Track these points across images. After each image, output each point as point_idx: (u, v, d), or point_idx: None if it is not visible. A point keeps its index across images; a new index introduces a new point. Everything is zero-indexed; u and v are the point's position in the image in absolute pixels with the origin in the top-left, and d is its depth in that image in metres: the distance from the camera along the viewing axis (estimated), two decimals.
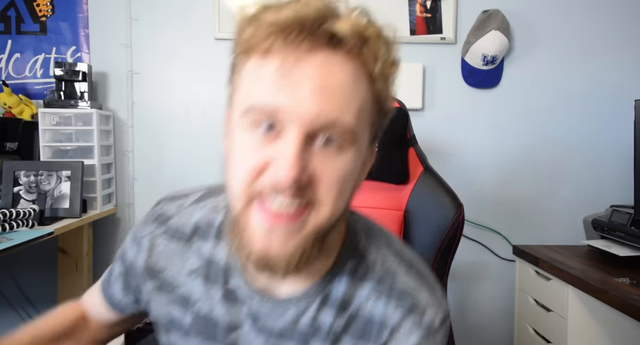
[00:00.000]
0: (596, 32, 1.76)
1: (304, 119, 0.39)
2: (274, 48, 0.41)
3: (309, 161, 0.40)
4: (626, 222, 1.40)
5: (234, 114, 0.45)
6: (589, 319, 1.31)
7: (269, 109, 0.40)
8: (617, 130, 1.76)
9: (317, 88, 0.40)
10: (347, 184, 0.43)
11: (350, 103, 0.41)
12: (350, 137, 0.42)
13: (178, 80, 1.72)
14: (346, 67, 0.41)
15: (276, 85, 0.40)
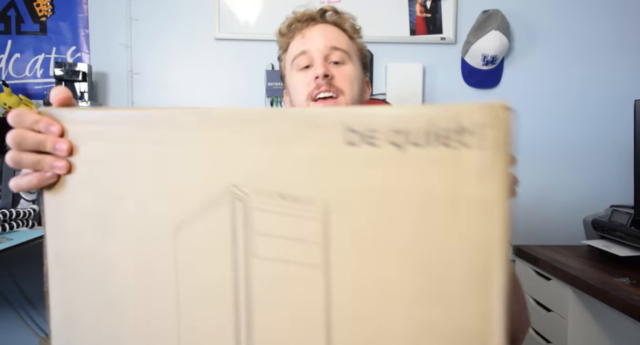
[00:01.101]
0: (596, 32, 1.76)
1: (320, 49, 0.77)
2: (296, 31, 0.80)
3: (329, 68, 0.76)
4: (626, 222, 1.40)
5: (287, 68, 0.82)
6: (589, 319, 1.31)
7: (303, 52, 0.78)
8: (617, 130, 1.76)
9: (322, 34, 0.78)
10: (353, 81, 0.77)
11: (339, 40, 0.79)
12: (346, 56, 0.78)
13: (178, 80, 1.72)
14: (333, 28, 0.80)
15: (301, 42, 0.79)
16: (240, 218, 0.33)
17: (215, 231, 0.33)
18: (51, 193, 0.38)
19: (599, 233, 1.52)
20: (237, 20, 1.70)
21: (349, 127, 0.29)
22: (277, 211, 0.31)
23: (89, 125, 0.37)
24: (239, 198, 0.32)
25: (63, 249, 0.38)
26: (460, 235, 0.27)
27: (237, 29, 1.70)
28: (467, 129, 0.27)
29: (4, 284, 1.72)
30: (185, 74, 1.72)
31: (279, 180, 0.31)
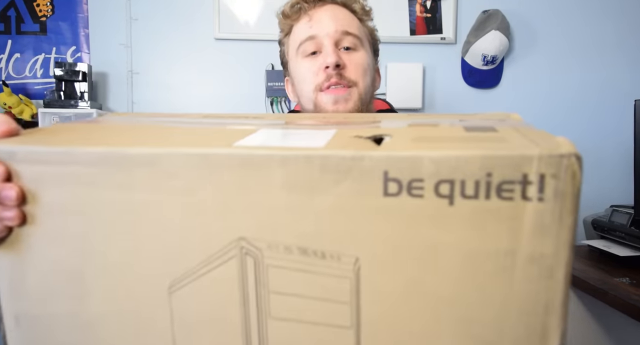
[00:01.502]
0: (596, 33, 1.76)
1: (330, 33, 0.69)
2: (302, 11, 0.72)
3: (340, 55, 0.69)
4: (626, 222, 1.40)
5: (290, 54, 0.75)
6: (589, 319, 1.31)
7: (309, 38, 0.70)
8: (617, 131, 1.76)
9: (331, 17, 0.70)
10: (366, 70, 0.72)
11: (350, 24, 0.72)
12: (359, 42, 0.72)
13: (178, 80, 1.72)
14: (343, 10, 0.73)
15: (309, 25, 0.71)
16: (251, 275, 0.28)
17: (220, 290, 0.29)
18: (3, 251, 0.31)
19: (599, 233, 1.52)
20: (237, 20, 1.70)
21: (388, 175, 0.25)
22: (296, 268, 0.27)
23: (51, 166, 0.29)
24: (249, 253, 0.28)
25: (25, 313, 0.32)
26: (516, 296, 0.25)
27: (237, 29, 1.70)
28: (530, 180, 0.24)
29: None
30: (185, 74, 1.73)
31: (299, 234, 0.27)
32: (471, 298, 0.25)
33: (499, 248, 0.25)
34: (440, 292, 0.26)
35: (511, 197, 0.24)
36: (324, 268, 0.27)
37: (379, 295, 0.27)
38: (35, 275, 0.31)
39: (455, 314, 0.26)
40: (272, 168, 0.26)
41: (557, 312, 0.24)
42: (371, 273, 0.26)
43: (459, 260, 0.25)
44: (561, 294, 0.24)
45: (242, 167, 0.27)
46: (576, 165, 0.23)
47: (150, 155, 0.28)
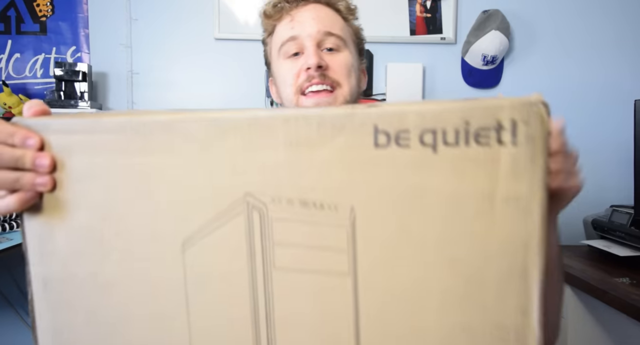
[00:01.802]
0: (596, 32, 1.76)
1: (312, 34, 0.67)
2: (284, 11, 0.70)
3: (322, 56, 0.66)
4: (626, 222, 1.40)
5: (273, 55, 0.73)
6: (589, 319, 1.31)
7: (292, 38, 0.68)
8: (617, 131, 1.76)
9: (314, 18, 0.68)
10: (350, 70, 0.68)
11: (334, 24, 0.69)
12: (342, 43, 0.69)
13: (178, 80, 1.72)
14: (326, 9, 0.70)
15: (290, 26, 0.69)
16: (257, 229, 0.30)
17: (229, 245, 0.31)
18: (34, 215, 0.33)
19: (599, 233, 1.52)
20: (237, 20, 1.70)
21: (378, 128, 0.27)
22: (298, 220, 0.29)
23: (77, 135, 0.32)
24: (255, 208, 0.30)
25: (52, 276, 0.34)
26: (496, 235, 0.27)
27: (237, 29, 1.70)
28: (503, 126, 0.26)
29: (4, 284, 1.72)
30: (186, 74, 1.73)
31: (300, 187, 0.29)
32: (456, 239, 0.27)
33: (478, 190, 0.27)
34: (427, 235, 0.28)
35: (488, 142, 0.26)
36: (323, 218, 0.29)
37: (373, 241, 0.29)
38: (62, 238, 0.33)
39: (442, 254, 0.28)
40: (276, 127, 0.29)
41: (536, 250, 0.26)
42: (365, 220, 0.28)
43: (443, 203, 0.27)
44: (538, 232, 0.26)
45: (249, 127, 0.29)
46: (543, 111, 0.25)
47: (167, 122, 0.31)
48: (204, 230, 0.31)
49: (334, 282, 0.29)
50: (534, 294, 0.27)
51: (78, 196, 0.33)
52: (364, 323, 0.29)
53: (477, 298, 0.27)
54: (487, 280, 0.27)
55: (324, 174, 0.29)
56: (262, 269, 0.30)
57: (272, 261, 0.30)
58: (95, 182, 0.32)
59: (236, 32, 1.70)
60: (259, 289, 0.31)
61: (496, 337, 0.27)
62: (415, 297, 0.28)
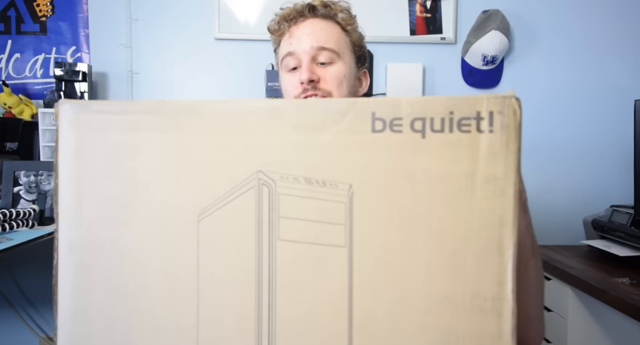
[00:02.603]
0: (596, 32, 1.76)
1: (306, 50, 0.73)
2: (285, 29, 0.76)
3: (315, 70, 0.73)
4: (626, 222, 1.40)
5: (279, 66, 0.80)
6: (589, 319, 1.31)
7: (289, 53, 0.75)
8: (617, 130, 1.76)
9: (309, 34, 0.74)
10: (342, 81, 0.74)
11: (329, 38, 0.74)
12: (335, 56, 0.74)
13: (178, 80, 1.72)
14: (323, 22, 0.75)
15: (289, 42, 0.76)
16: (266, 203, 0.33)
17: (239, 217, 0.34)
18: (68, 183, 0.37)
19: (599, 233, 1.52)
20: (237, 20, 1.70)
21: (375, 115, 0.31)
22: (302, 195, 0.32)
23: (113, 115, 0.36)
24: (265, 184, 0.33)
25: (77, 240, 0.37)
26: (476, 212, 0.30)
27: (237, 29, 1.70)
28: (482, 116, 0.30)
29: (4, 284, 1.72)
30: (185, 74, 1.73)
31: (306, 166, 0.32)
32: (441, 215, 0.31)
33: (461, 172, 0.30)
34: (416, 211, 0.31)
35: (469, 130, 0.30)
36: (324, 195, 0.32)
37: (368, 216, 0.32)
38: (90, 205, 0.36)
39: (429, 229, 0.31)
40: (288, 111, 0.33)
41: (510, 224, 0.30)
42: (362, 197, 0.32)
43: (430, 183, 0.31)
44: (512, 209, 0.30)
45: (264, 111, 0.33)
46: (516, 104, 0.30)
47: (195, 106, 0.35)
48: (218, 203, 0.34)
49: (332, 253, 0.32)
50: (509, 266, 0.30)
51: (107, 168, 0.36)
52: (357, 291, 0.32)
53: (459, 269, 0.31)
54: (468, 253, 0.30)
55: (327, 155, 0.32)
56: (268, 240, 0.33)
57: (278, 233, 0.33)
58: (126, 155, 0.36)
59: (236, 32, 1.70)
60: (264, 257, 0.33)
61: (476, 305, 0.30)
62: (403, 267, 0.31)
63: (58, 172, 0.37)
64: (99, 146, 0.36)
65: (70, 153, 0.37)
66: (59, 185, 0.37)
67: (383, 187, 0.31)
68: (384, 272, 0.31)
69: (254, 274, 0.34)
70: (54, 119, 0.39)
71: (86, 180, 0.36)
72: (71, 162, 0.37)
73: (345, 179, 0.32)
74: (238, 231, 0.34)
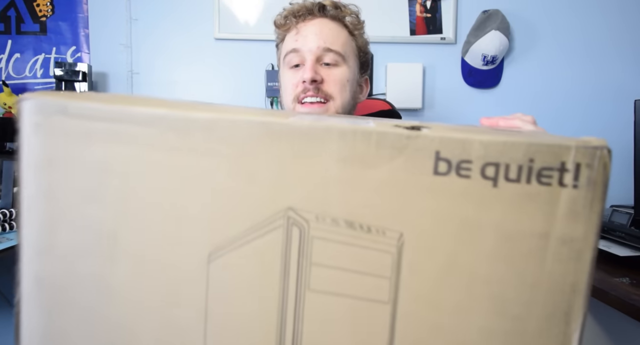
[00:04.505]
0: (596, 33, 1.76)
1: (312, 49, 0.72)
2: (292, 24, 0.75)
3: (319, 71, 0.72)
4: (626, 222, 1.40)
5: (281, 62, 0.78)
6: (589, 319, 1.31)
7: (294, 50, 0.73)
8: (617, 131, 1.76)
9: (316, 33, 0.73)
10: (345, 85, 0.73)
11: (336, 40, 0.73)
12: (340, 59, 0.73)
13: (178, 80, 1.72)
14: (331, 24, 0.75)
15: (295, 38, 0.74)
16: (295, 246, 0.28)
17: (262, 260, 0.29)
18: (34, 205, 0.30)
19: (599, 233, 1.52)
20: (237, 20, 1.70)
21: (440, 155, 0.26)
22: (341, 241, 0.28)
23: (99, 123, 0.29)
24: (296, 223, 0.28)
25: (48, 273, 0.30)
26: (546, 275, 0.27)
27: (237, 29, 1.70)
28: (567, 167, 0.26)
29: (4, 284, 1.72)
30: (185, 74, 1.73)
31: (349, 207, 0.27)
32: (505, 276, 0.27)
33: (534, 230, 0.26)
34: (476, 270, 0.27)
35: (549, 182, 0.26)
36: (368, 242, 0.27)
37: (419, 271, 0.27)
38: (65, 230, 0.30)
39: (489, 291, 0.27)
40: (331, 140, 0.27)
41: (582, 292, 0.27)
42: (413, 249, 0.27)
43: (497, 239, 0.26)
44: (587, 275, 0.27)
45: (302, 137, 0.27)
46: (607, 157, 0.25)
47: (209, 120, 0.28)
48: (235, 241, 0.29)
49: (372, 310, 0.28)
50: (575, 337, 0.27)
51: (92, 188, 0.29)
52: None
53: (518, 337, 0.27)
54: (530, 321, 0.27)
55: (377, 195, 0.27)
56: (295, 289, 0.29)
57: (308, 282, 0.28)
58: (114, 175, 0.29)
59: (236, 32, 1.70)
60: (288, 309, 0.29)
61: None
62: (455, 331, 0.27)
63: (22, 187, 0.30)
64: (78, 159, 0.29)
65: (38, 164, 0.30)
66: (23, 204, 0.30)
67: (440, 238, 0.27)
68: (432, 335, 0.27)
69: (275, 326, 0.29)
70: None
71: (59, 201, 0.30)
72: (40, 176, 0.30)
73: (395, 226, 0.27)
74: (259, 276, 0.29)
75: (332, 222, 0.28)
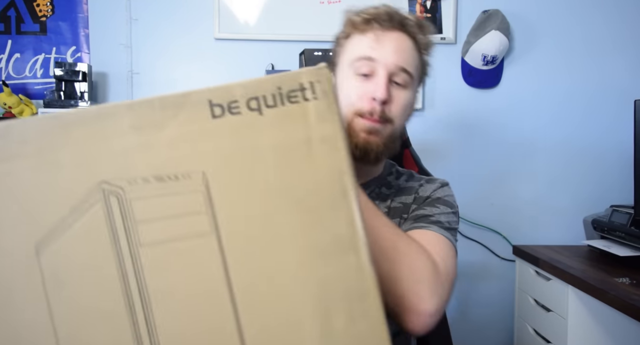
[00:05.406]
0: (596, 33, 1.76)
1: (388, 65, 0.69)
2: (371, 28, 0.71)
3: (390, 90, 0.69)
4: (626, 222, 1.40)
5: (342, 61, 0.73)
6: (589, 319, 1.31)
7: (368, 58, 0.69)
8: (617, 131, 1.76)
9: (396, 48, 0.70)
10: (407, 109, 0.73)
11: (411, 60, 0.72)
12: (410, 81, 0.72)
13: (178, 80, 1.72)
14: (409, 41, 0.73)
15: (372, 46, 0.70)
16: (117, 212, 0.31)
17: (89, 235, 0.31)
18: None
19: (599, 233, 1.52)
20: (237, 20, 1.70)
21: (212, 102, 0.32)
22: (157, 194, 0.32)
23: None
24: (112, 193, 0.31)
25: None
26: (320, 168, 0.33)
27: (237, 29, 1.70)
28: (305, 86, 0.33)
29: None
30: (185, 74, 1.73)
31: (153, 165, 0.32)
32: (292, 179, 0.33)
33: (299, 138, 0.33)
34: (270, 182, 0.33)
35: (297, 100, 0.33)
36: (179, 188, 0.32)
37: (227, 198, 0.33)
38: None
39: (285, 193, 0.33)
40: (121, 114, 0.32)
41: (348, 172, 0.34)
42: (217, 182, 0.32)
43: (276, 153, 0.33)
44: (347, 160, 0.34)
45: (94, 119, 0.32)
46: (328, 73, 0.34)
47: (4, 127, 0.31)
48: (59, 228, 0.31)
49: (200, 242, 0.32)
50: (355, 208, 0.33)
51: None
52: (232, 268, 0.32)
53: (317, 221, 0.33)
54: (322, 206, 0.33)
55: (173, 149, 0.32)
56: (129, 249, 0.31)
57: (138, 239, 0.31)
58: None
59: (236, 32, 1.70)
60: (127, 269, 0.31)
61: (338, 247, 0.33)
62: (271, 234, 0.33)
63: None
64: None
65: None
66: None
67: (234, 167, 0.32)
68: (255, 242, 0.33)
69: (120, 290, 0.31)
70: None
71: None
72: None
73: (197, 169, 0.32)
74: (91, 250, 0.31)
75: (143, 181, 0.32)
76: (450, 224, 0.71)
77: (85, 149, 0.31)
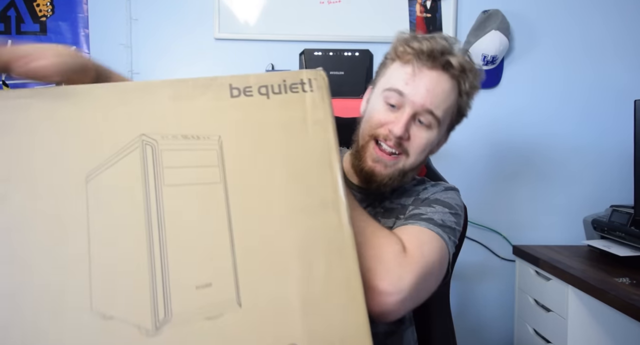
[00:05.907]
0: (596, 33, 1.76)
1: (415, 104, 0.70)
2: (412, 61, 0.72)
3: (410, 128, 0.71)
4: (626, 222, 1.40)
5: (377, 90, 0.76)
6: (589, 319, 1.31)
7: (399, 92, 0.71)
8: (617, 131, 1.76)
9: (428, 89, 0.70)
10: (426, 148, 0.74)
11: (442, 104, 0.72)
12: (436, 123, 0.72)
13: None
14: (448, 83, 0.72)
15: (406, 81, 0.71)
16: (150, 158, 0.39)
17: (127, 172, 0.39)
18: None
19: (599, 233, 1.52)
20: (237, 20, 1.70)
21: (232, 86, 0.43)
22: (182, 148, 0.40)
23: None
24: (148, 143, 0.40)
25: None
26: (312, 143, 0.42)
27: (237, 29, 1.70)
28: (304, 81, 0.43)
29: None
30: (186, 74, 1.72)
31: (182, 127, 0.41)
32: (289, 149, 0.42)
33: (298, 118, 0.43)
34: (271, 148, 0.42)
35: (298, 91, 0.43)
36: (199, 146, 0.41)
37: (234, 157, 0.41)
38: None
39: (282, 159, 0.42)
40: (164, 87, 0.42)
41: (334, 149, 0.42)
42: (228, 144, 0.41)
43: (277, 128, 0.42)
44: (333, 138, 0.42)
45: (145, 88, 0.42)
46: (324, 74, 0.44)
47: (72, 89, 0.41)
48: (106, 163, 0.39)
49: (210, 188, 0.40)
50: (338, 176, 0.42)
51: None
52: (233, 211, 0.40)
53: (308, 183, 0.41)
54: (312, 173, 0.42)
55: (199, 116, 0.41)
56: (154, 187, 0.39)
57: (162, 180, 0.40)
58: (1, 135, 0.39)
59: (236, 32, 1.70)
60: (151, 201, 0.39)
61: (322, 209, 0.41)
62: (267, 188, 0.41)
63: None
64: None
65: None
66: None
67: (244, 135, 0.41)
68: (254, 194, 0.41)
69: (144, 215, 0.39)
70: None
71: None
72: None
73: (215, 133, 0.41)
74: (126, 184, 0.39)
75: (172, 138, 0.40)
76: (444, 221, 0.69)
77: (135, 109, 0.41)
